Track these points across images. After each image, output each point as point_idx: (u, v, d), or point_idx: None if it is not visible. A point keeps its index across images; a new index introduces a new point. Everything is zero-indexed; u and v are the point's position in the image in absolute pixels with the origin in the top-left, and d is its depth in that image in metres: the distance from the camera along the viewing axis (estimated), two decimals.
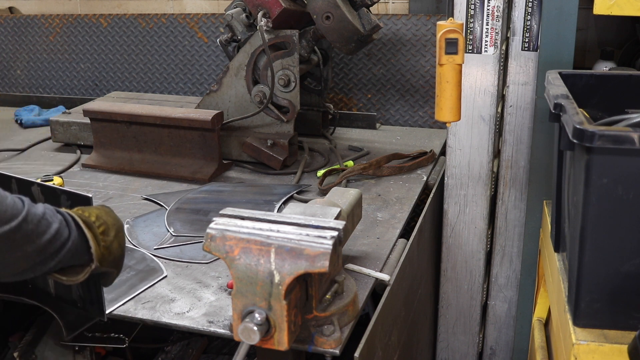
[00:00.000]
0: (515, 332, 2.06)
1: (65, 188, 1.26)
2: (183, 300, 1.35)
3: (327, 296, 1.21)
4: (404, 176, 1.99)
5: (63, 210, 1.10)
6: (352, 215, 1.42)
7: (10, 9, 3.19)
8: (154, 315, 1.31)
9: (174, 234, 1.64)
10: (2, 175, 1.31)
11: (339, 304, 1.22)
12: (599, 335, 1.22)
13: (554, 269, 1.51)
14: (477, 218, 1.95)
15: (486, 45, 1.78)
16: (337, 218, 1.26)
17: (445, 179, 1.95)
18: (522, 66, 1.81)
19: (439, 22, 1.44)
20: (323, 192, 1.85)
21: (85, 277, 1.11)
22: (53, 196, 1.26)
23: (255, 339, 1.05)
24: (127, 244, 1.59)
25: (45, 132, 2.45)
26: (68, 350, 1.71)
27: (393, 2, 2.66)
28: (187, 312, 1.31)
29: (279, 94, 2.03)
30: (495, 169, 1.96)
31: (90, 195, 1.22)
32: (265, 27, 1.93)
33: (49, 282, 1.36)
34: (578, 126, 1.13)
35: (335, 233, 1.09)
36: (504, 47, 1.86)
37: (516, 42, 1.79)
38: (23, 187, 1.30)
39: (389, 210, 1.76)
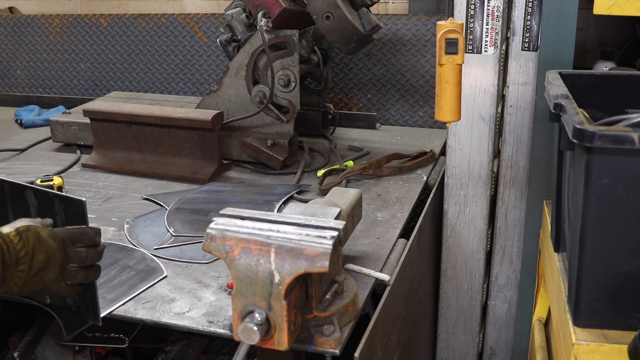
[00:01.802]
0: (515, 332, 2.06)
1: (58, 192, 1.25)
2: (183, 300, 1.35)
3: (327, 296, 1.21)
4: (404, 176, 1.99)
5: None
6: (352, 215, 1.42)
7: (10, 9, 3.19)
8: (154, 315, 1.31)
9: (174, 234, 1.64)
10: None
11: (339, 304, 1.22)
12: (599, 335, 1.22)
13: (554, 269, 1.51)
14: (477, 218, 1.95)
15: (486, 45, 1.78)
16: (337, 218, 1.26)
17: (445, 179, 1.95)
18: (522, 66, 1.81)
19: (439, 22, 1.44)
20: (323, 192, 1.85)
21: None
22: (46, 200, 1.25)
23: (255, 339, 1.05)
24: (127, 244, 1.59)
25: (45, 132, 2.45)
26: (68, 350, 1.71)
27: (393, 2, 2.66)
28: (187, 312, 1.31)
29: (279, 94, 2.03)
30: (495, 169, 1.96)
31: (84, 200, 1.20)
32: (265, 27, 1.93)
33: None
34: (578, 126, 1.12)
35: (335, 233, 1.09)
36: (504, 47, 1.86)
37: (516, 42, 1.79)
38: (16, 190, 1.29)
39: (389, 210, 1.76)
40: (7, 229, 1.12)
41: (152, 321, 1.30)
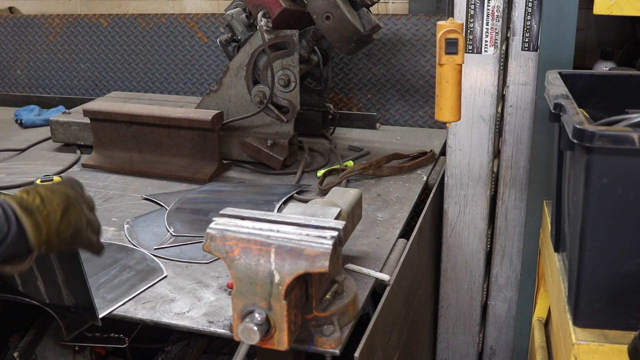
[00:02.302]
0: (515, 332, 2.06)
1: None
2: (183, 300, 1.35)
3: (327, 296, 1.21)
4: (404, 176, 1.99)
5: (1, 199, 1.06)
6: (352, 215, 1.42)
7: (10, 9, 3.19)
8: (154, 315, 1.31)
9: (174, 234, 1.64)
10: None
11: (339, 304, 1.22)
12: (599, 335, 1.22)
13: (554, 269, 1.51)
14: (477, 218, 1.95)
15: (486, 45, 1.78)
16: (337, 218, 1.26)
17: (445, 179, 1.95)
18: (522, 66, 1.81)
19: (439, 22, 1.44)
20: (323, 192, 1.85)
21: (30, 264, 1.10)
22: None
23: (255, 339, 1.05)
24: (127, 244, 1.59)
25: (45, 132, 2.45)
26: (68, 350, 1.71)
27: (393, 2, 2.66)
28: (187, 312, 1.31)
29: (279, 94, 2.03)
30: (495, 169, 1.96)
31: None
32: (265, 27, 1.93)
33: (41, 290, 1.36)
34: (578, 126, 1.12)
35: (335, 233, 1.09)
36: (504, 47, 1.86)
37: (516, 42, 1.79)
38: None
39: (389, 210, 1.76)
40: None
41: (152, 321, 1.30)
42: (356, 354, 1.19)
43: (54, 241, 1.11)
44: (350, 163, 2.08)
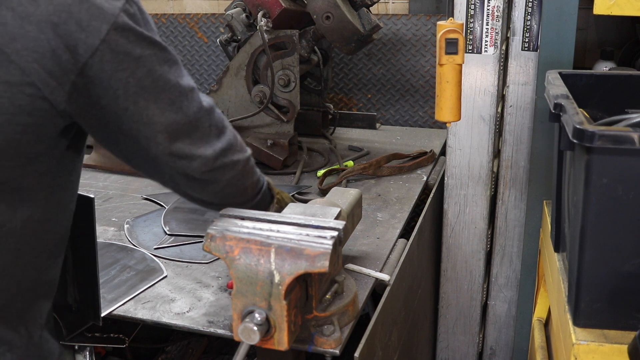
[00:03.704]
0: (515, 332, 2.06)
1: None
2: (183, 300, 1.35)
3: (327, 296, 1.21)
4: (404, 176, 1.99)
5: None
6: (352, 215, 1.42)
7: None
8: (154, 315, 1.31)
9: (168, 232, 1.63)
10: None
11: (339, 304, 1.22)
12: (599, 335, 1.22)
13: (554, 269, 1.51)
14: (477, 218, 1.95)
15: (486, 45, 1.79)
16: (337, 218, 1.26)
17: (445, 179, 1.95)
18: (522, 66, 1.81)
19: (439, 22, 1.44)
20: (323, 192, 1.85)
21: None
22: None
23: (255, 339, 1.05)
24: (127, 244, 1.59)
25: None
26: (68, 350, 1.70)
27: (393, 2, 2.66)
28: (187, 312, 1.31)
29: (279, 94, 2.03)
30: (495, 169, 1.96)
31: (92, 196, 1.22)
32: (265, 27, 1.93)
33: None
34: (578, 126, 1.12)
35: (335, 233, 1.09)
36: (504, 47, 1.86)
37: (516, 42, 1.79)
38: None
39: (389, 210, 1.76)
40: None
41: (152, 321, 1.30)
42: (356, 354, 1.19)
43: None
44: (350, 163, 2.08)
